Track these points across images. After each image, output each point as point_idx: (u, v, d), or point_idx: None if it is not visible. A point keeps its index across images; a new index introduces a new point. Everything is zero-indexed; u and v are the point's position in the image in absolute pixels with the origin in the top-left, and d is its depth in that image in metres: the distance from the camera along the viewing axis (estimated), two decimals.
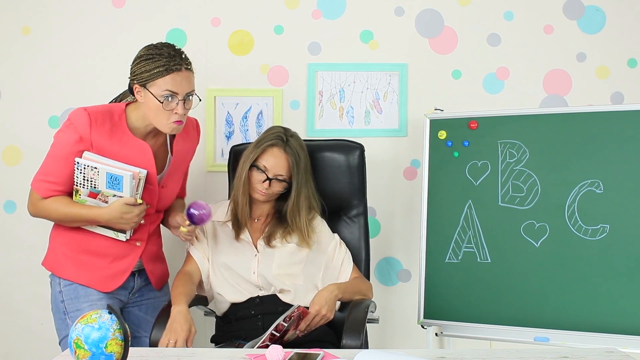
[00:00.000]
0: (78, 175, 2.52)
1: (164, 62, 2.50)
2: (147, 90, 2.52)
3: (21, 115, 3.36)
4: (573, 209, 2.78)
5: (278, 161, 2.72)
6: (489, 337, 2.92)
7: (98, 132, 2.54)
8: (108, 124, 2.57)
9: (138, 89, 2.56)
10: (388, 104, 3.35)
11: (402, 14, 3.35)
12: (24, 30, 3.35)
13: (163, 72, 2.49)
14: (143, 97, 2.55)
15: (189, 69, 2.57)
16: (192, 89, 2.57)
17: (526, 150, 2.88)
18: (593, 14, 3.33)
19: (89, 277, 2.64)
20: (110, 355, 1.71)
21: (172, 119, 2.54)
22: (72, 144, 2.54)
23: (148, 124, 2.60)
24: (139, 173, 2.53)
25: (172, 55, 2.52)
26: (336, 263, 2.80)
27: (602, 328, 2.70)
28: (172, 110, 2.53)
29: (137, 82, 2.55)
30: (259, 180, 2.70)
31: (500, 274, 2.88)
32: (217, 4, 3.35)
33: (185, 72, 2.54)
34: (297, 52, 3.35)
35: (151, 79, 2.51)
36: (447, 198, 2.99)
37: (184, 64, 2.53)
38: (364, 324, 2.53)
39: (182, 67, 2.52)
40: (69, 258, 2.66)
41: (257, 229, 2.80)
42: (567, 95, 3.34)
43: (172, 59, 2.51)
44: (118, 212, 2.53)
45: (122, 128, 2.59)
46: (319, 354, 1.96)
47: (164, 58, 2.50)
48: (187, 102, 2.56)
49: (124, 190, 2.51)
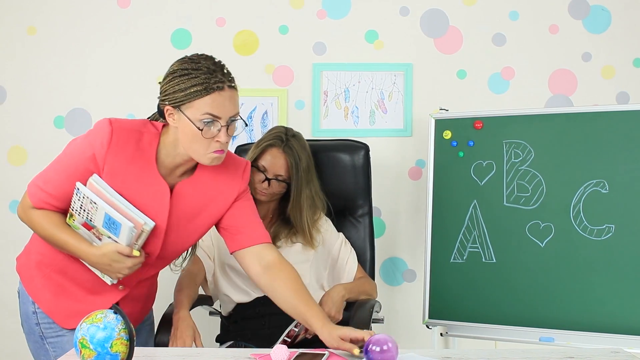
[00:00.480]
0: (75, 201, 2.11)
1: (203, 79, 2.02)
2: (181, 113, 2.04)
3: (26, 115, 3.36)
4: (578, 209, 2.77)
5: (276, 161, 2.71)
6: (494, 337, 2.92)
7: (115, 154, 2.09)
8: (132, 147, 2.11)
9: (170, 111, 2.07)
10: (393, 103, 3.35)
11: (407, 14, 3.35)
12: (29, 30, 3.35)
13: (202, 92, 2.01)
14: (177, 121, 2.07)
15: (233, 87, 2.07)
16: (237, 111, 2.08)
17: (531, 150, 2.87)
18: (598, 13, 3.32)
19: (53, 306, 2.23)
20: (115, 355, 1.71)
21: (212, 147, 2.07)
22: (82, 160, 2.12)
23: (178, 153, 2.13)
24: (143, 225, 2.09)
25: (212, 71, 2.03)
26: (341, 262, 2.80)
27: (607, 328, 2.69)
28: (214, 138, 2.05)
29: (169, 103, 2.06)
30: (258, 180, 2.70)
31: (505, 274, 2.87)
32: (222, 4, 3.36)
33: (228, 91, 2.04)
34: (302, 52, 3.35)
35: (187, 100, 2.03)
36: (452, 198, 2.99)
37: (226, 81, 2.04)
38: (369, 324, 2.54)
39: (224, 85, 2.03)
40: (43, 274, 2.25)
41: None
42: (573, 95, 3.33)
43: (213, 75, 2.02)
44: (107, 259, 2.09)
45: (147, 157, 2.13)
46: (324, 354, 1.96)
47: (203, 74, 2.02)
48: (230, 128, 2.07)
49: (120, 237, 2.07)
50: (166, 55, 3.33)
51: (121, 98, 3.35)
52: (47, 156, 2.59)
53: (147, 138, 2.14)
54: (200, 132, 2.02)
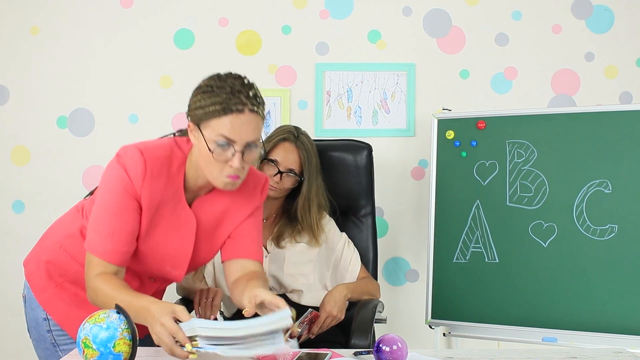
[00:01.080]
0: None
1: (224, 98, 1.91)
2: (200, 131, 1.95)
3: (29, 115, 3.37)
4: (581, 209, 2.77)
5: (289, 155, 2.71)
6: (497, 337, 2.92)
7: (149, 188, 2.00)
8: (164, 177, 2.03)
9: (191, 128, 1.99)
10: (396, 103, 3.35)
11: (409, 14, 3.35)
12: (32, 30, 3.36)
13: (220, 112, 1.91)
14: (196, 138, 1.98)
15: (256, 112, 1.94)
16: (257, 138, 1.97)
17: (534, 150, 2.87)
18: (601, 13, 3.32)
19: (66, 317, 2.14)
20: (118, 355, 1.71)
21: (225, 172, 1.97)
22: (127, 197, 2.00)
23: (200, 175, 2.05)
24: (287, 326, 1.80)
25: (235, 91, 1.92)
26: (344, 262, 2.80)
27: (610, 328, 2.69)
28: (227, 162, 1.95)
29: (191, 119, 1.99)
30: (270, 174, 2.70)
31: (508, 274, 2.87)
32: (224, 5, 3.36)
33: (248, 115, 1.92)
34: (305, 52, 3.35)
35: (205, 118, 1.93)
36: (455, 198, 2.99)
37: (248, 104, 1.92)
38: (371, 324, 2.54)
39: (245, 108, 1.91)
40: (56, 284, 2.15)
41: (265, 229, 2.80)
42: (576, 95, 3.33)
43: (235, 96, 1.91)
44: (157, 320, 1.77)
45: (176, 186, 2.05)
46: (327, 354, 1.96)
47: (225, 93, 1.92)
48: (246, 154, 1.96)
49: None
50: (169, 55, 3.36)
51: (124, 98, 3.35)
52: (49, 156, 2.59)
53: (176, 164, 2.05)
54: (212, 154, 1.93)
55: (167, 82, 3.35)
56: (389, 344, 1.85)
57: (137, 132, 3.33)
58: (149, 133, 3.34)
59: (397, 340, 1.86)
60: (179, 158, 2.06)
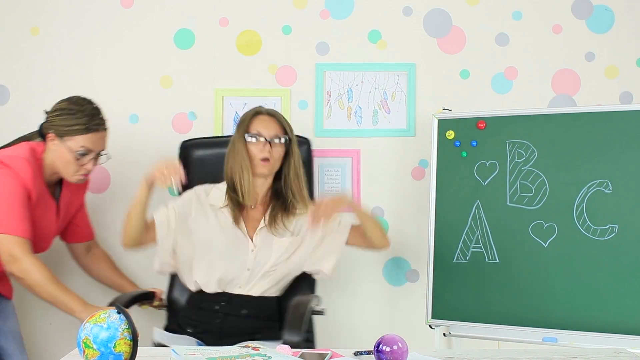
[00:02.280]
0: None
1: (85, 120, 2.68)
2: (63, 142, 2.69)
3: (29, 115, 3.36)
4: (582, 209, 2.77)
5: (269, 124, 2.77)
6: (497, 338, 2.92)
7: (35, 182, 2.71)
8: (39, 176, 2.74)
9: (53, 138, 2.71)
10: (396, 103, 3.35)
11: (410, 14, 3.35)
12: (32, 30, 3.36)
13: (83, 130, 2.68)
14: (56, 146, 2.71)
15: (105, 129, 2.76)
16: (104, 148, 2.77)
17: (534, 150, 2.87)
18: (602, 13, 3.32)
19: None
20: (119, 355, 1.72)
21: (80, 172, 2.74)
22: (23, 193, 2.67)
23: (54, 172, 2.77)
24: None
25: (93, 115, 2.71)
26: (332, 224, 2.81)
27: (611, 328, 2.69)
28: (83, 165, 2.72)
29: (53, 131, 2.71)
30: (259, 149, 2.71)
31: (508, 274, 2.87)
32: (225, 4, 3.36)
33: (102, 133, 2.74)
34: (305, 52, 3.35)
35: (70, 134, 2.68)
36: (455, 198, 2.99)
37: (102, 125, 2.74)
38: (304, 320, 2.48)
39: (99, 128, 2.72)
40: None
41: (253, 218, 2.80)
42: (576, 95, 3.33)
43: (93, 119, 2.70)
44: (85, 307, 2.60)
45: (41, 176, 2.75)
46: (327, 354, 1.97)
47: (86, 116, 2.69)
48: (98, 159, 2.77)
49: None
50: (169, 55, 3.35)
51: (124, 98, 3.35)
52: None
53: (38, 164, 2.73)
54: (76, 160, 2.70)
55: (167, 82, 3.35)
56: (389, 344, 1.86)
57: (137, 132, 3.33)
58: (149, 133, 3.35)
59: (397, 340, 1.86)
60: (39, 160, 2.74)
